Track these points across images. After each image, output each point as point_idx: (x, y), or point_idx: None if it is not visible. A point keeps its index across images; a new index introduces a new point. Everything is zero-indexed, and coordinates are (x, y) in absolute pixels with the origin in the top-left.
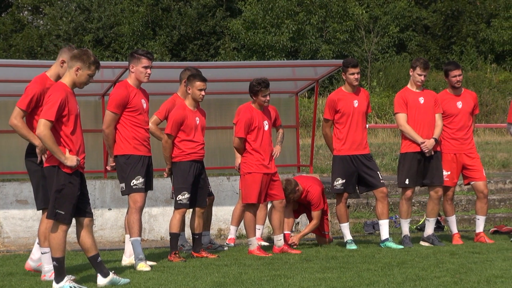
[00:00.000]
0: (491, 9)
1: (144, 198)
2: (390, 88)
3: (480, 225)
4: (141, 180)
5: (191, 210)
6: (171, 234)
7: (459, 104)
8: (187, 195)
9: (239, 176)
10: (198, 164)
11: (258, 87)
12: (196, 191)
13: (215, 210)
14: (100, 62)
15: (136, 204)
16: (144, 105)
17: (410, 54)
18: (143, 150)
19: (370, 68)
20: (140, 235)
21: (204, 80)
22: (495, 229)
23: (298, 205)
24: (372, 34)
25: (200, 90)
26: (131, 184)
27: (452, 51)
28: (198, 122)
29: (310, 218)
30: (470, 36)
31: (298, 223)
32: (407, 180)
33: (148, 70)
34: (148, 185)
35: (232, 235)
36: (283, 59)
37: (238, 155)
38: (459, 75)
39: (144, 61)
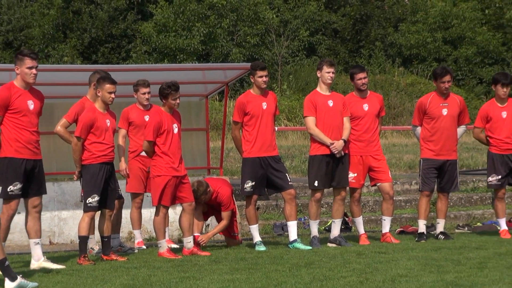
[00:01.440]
0: (399, 14)
1: (18, 204)
2: (300, 91)
3: (386, 225)
4: (18, 186)
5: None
6: (80, 237)
7: (365, 107)
8: (96, 198)
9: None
10: (108, 167)
11: (168, 90)
12: (106, 194)
13: (125, 213)
14: (4, 65)
15: (8, 211)
16: (31, 107)
17: (320, 57)
18: (27, 153)
19: (280, 71)
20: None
21: (114, 82)
22: (401, 229)
23: (207, 207)
24: (283, 38)
25: (110, 92)
26: (8, 190)
27: (361, 54)
28: (108, 124)
29: (219, 220)
30: (378, 40)
31: (208, 225)
32: (316, 182)
33: (33, 71)
34: (37, 190)
35: (138, 238)
36: (195, 62)
37: (122, 160)
38: (364, 78)
39: (28, 62)
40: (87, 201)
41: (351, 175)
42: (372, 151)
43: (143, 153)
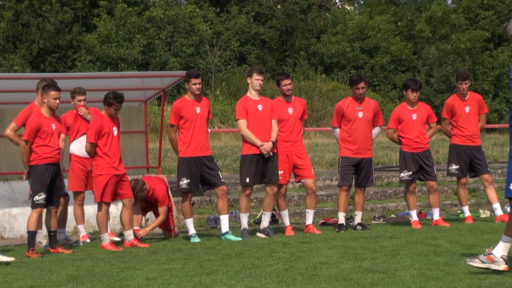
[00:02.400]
0: (321, 26)
1: None
2: (232, 97)
3: (309, 217)
4: None
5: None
6: (28, 232)
7: (290, 110)
8: (43, 196)
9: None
10: (54, 167)
11: (113, 101)
12: (52, 192)
13: (70, 209)
14: None
15: None
16: None
17: (250, 66)
18: None
19: (214, 79)
20: None
21: (58, 89)
22: (323, 221)
23: (145, 203)
24: (216, 48)
25: (55, 98)
26: None
27: (287, 63)
28: (54, 128)
29: (157, 215)
30: (302, 50)
31: (148, 219)
32: (248, 179)
33: None
34: None
35: (83, 232)
36: (135, 71)
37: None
38: (289, 84)
39: None
40: (35, 199)
41: (278, 172)
42: (297, 151)
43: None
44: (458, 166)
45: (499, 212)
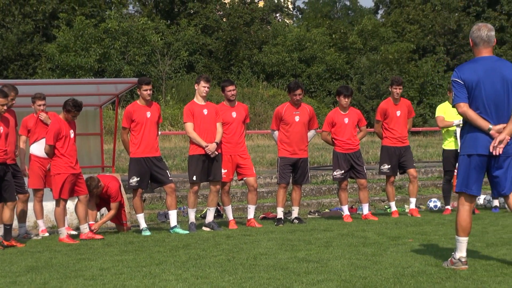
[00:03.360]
0: (262, 38)
1: None
2: (181, 102)
3: (251, 212)
4: None
5: None
6: None
7: (234, 114)
8: None
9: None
10: (3, 167)
11: (72, 109)
12: (4, 189)
13: (30, 205)
14: None
15: None
16: None
17: (198, 73)
18: None
19: (164, 85)
20: None
21: (5, 96)
22: (264, 215)
23: (100, 200)
24: (166, 57)
25: (2, 105)
26: None
27: (232, 71)
28: (1, 131)
29: (109, 210)
30: (246, 59)
31: (102, 214)
32: (195, 177)
33: None
34: None
35: (42, 227)
36: (91, 78)
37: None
38: (233, 90)
39: None
40: None
41: (222, 171)
42: (239, 151)
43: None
44: (389, 166)
45: (412, 206)
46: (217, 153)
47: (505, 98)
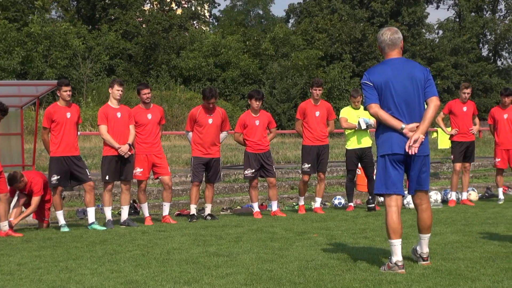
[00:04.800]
0: (180, 43)
1: None
2: (101, 104)
3: (166, 209)
4: None
5: None
6: None
7: (149, 116)
8: None
9: None
10: None
11: None
12: None
13: None
14: None
15: None
16: None
17: (118, 76)
18: None
19: (85, 88)
20: None
21: None
22: (179, 212)
23: (28, 199)
24: (88, 61)
25: None
26: None
27: (151, 75)
28: None
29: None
30: (164, 64)
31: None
32: (107, 176)
33: None
34: None
35: None
36: (14, 80)
37: None
38: (148, 93)
39: None
40: None
41: (138, 170)
42: (155, 151)
43: None
44: (310, 165)
45: (317, 205)
46: (130, 153)
47: (415, 97)
